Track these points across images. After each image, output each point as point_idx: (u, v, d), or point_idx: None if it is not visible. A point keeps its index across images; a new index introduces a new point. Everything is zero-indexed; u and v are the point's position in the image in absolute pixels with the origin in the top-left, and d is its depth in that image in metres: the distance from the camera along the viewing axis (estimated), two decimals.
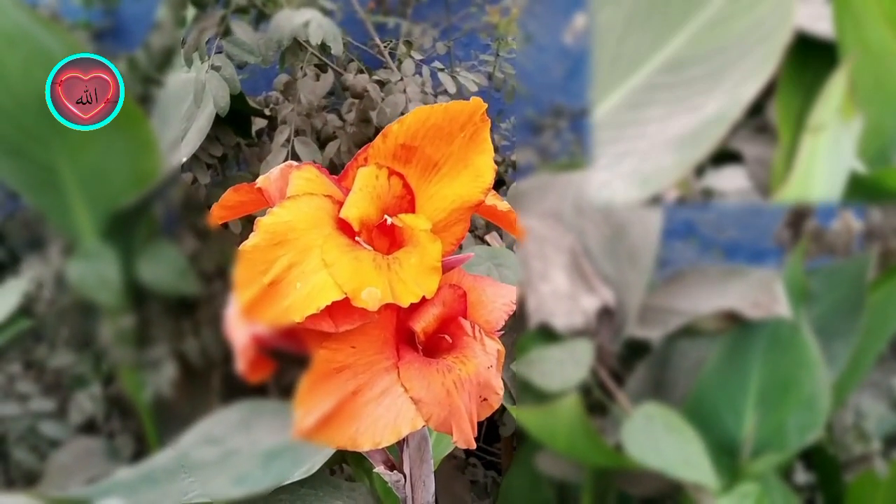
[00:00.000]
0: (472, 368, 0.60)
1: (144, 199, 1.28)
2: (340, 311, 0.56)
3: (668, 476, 1.11)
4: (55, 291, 1.30)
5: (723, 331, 1.21)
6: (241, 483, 1.03)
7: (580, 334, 1.20)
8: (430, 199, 0.61)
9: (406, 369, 0.58)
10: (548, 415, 1.13)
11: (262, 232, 0.55)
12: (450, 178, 0.61)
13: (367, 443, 0.57)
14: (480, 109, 0.62)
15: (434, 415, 0.58)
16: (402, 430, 0.57)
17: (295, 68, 1.29)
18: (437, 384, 0.58)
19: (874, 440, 1.29)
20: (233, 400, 1.16)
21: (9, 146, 1.23)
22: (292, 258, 0.55)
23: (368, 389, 0.57)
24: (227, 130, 1.34)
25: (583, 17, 1.52)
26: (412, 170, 0.61)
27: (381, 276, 0.55)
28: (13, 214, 1.40)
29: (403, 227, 0.59)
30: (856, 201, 1.32)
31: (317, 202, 0.58)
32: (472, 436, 0.59)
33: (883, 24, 1.15)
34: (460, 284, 0.63)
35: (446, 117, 0.61)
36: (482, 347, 0.61)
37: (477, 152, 0.61)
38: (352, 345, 0.57)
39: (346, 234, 0.58)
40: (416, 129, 0.61)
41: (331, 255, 0.55)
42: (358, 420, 0.57)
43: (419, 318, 0.60)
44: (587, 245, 1.26)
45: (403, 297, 0.55)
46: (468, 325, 0.62)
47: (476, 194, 0.61)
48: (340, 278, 0.54)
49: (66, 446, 1.29)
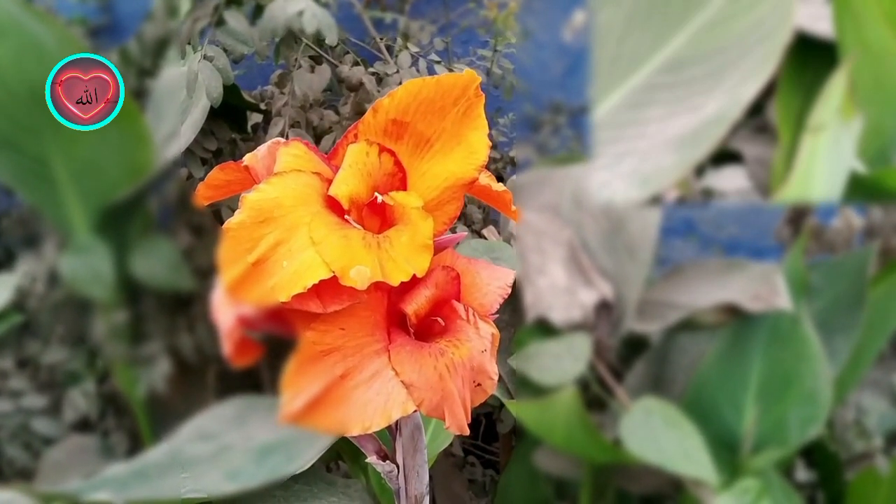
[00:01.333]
0: (466, 352, 0.58)
1: (138, 193, 1.27)
2: (329, 291, 0.54)
3: (667, 471, 1.10)
4: (48, 286, 1.29)
5: (723, 324, 1.20)
6: (234, 478, 1.02)
7: (578, 328, 1.19)
8: (423, 177, 0.60)
9: (397, 352, 0.57)
10: (545, 408, 1.12)
11: (247, 209, 0.54)
12: (442, 154, 0.60)
13: (357, 427, 0.55)
14: (474, 83, 0.60)
15: (426, 399, 0.56)
16: (393, 414, 0.56)
17: (290, 60, 1.28)
18: (429, 368, 0.56)
19: (875, 437, 1.28)
20: (227, 396, 1.15)
21: (1, 139, 1.22)
22: (279, 236, 0.53)
23: (358, 373, 0.56)
24: (222, 125, 1.33)
25: (581, 14, 1.51)
26: (403, 146, 0.60)
27: (371, 255, 0.54)
28: (7, 210, 1.39)
29: (394, 204, 0.58)
30: (856, 201, 1.31)
31: (305, 179, 0.56)
32: (465, 421, 0.58)
33: (883, 24, 1.15)
34: (454, 266, 0.61)
35: (439, 91, 0.60)
36: (476, 331, 0.60)
37: (471, 128, 0.60)
38: (340, 326, 0.56)
39: (335, 212, 0.56)
40: (407, 104, 0.60)
41: (319, 233, 0.54)
42: (347, 404, 0.55)
43: (411, 301, 0.59)
44: (585, 239, 1.25)
45: (393, 276, 0.54)
46: (461, 307, 0.60)
47: (470, 171, 0.60)
48: (328, 256, 0.53)
49: (59, 443, 1.28)
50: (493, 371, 0.60)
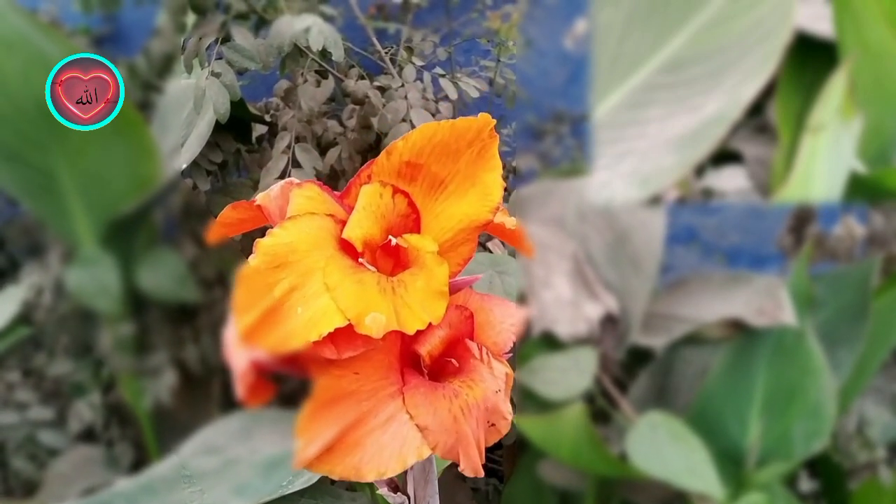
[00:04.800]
0: (480, 393, 0.58)
1: (144, 206, 1.27)
2: (343, 338, 0.54)
3: (672, 485, 1.10)
4: (54, 299, 1.29)
5: (727, 338, 1.20)
6: (241, 493, 1.02)
7: (583, 342, 1.19)
8: (437, 218, 0.59)
9: (411, 395, 0.56)
10: (552, 424, 1.12)
11: (261, 254, 0.54)
12: (457, 196, 0.60)
13: (372, 473, 0.55)
14: (489, 126, 0.60)
15: (441, 442, 0.56)
16: (408, 459, 0.56)
17: (295, 74, 1.28)
18: (443, 410, 0.56)
19: (878, 448, 1.28)
20: (232, 408, 1.15)
21: (8, 152, 1.22)
22: (293, 281, 0.53)
23: (373, 417, 0.56)
24: (228, 137, 1.33)
25: (583, 23, 1.51)
26: (417, 188, 0.60)
27: (386, 301, 0.54)
28: (12, 221, 1.39)
29: (409, 247, 0.58)
30: (856, 201, 1.31)
31: (318, 222, 0.56)
32: (479, 463, 0.58)
33: (883, 24, 1.15)
34: (467, 304, 0.62)
35: (453, 134, 0.60)
36: (490, 371, 0.60)
37: (485, 169, 0.60)
38: (355, 371, 0.56)
39: (349, 254, 0.56)
40: (421, 146, 0.59)
41: (333, 279, 0.54)
42: (362, 449, 0.55)
43: (424, 342, 0.59)
44: (590, 252, 1.25)
45: (409, 324, 0.54)
46: (475, 347, 0.60)
47: (484, 213, 0.59)
48: (343, 303, 0.53)
49: (64, 455, 1.29)
50: (507, 411, 0.60)
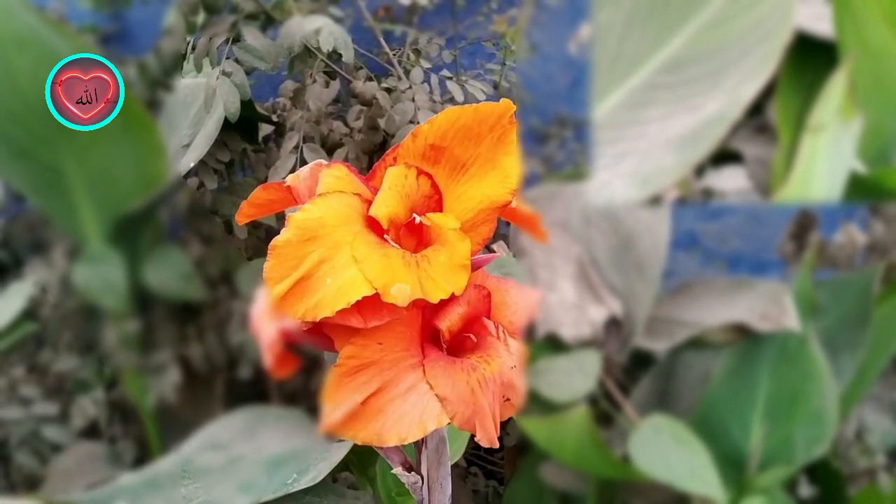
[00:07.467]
0: (496, 368, 0.60)
1: (151, 204, 1.28)
2: (370, 307, 0.56)
3: (675, 488, 1.10)
4: (60, 295, 1.29)
5: (730, 343, 1.21)
6: (246, 490, 1.03)
7: (588, 345, 1.19)
8: (458, 199, 0.62)
9: (431, 367, 0.58)
10: (556, 425, 1.13)
11: (293, 227, 0.56)
12: (478, 178, 0.62)
13: (393, 438, 0.57)
14: (510, 111, 0.62)
15: (459, 413, 0.58)
16: (428, 426, 0.57)
17: (304, 75, 1.29)
18: (461, 382, 0.58)
19: (878, 454, 1.29)
20: (236, 406, 1.15)
21: (16, 148, 1.23)
22: (323, 254, 0.55)
23: (394, 386, 0.58)
24: (235, 136, 1.34)
25: (587, 28, 1.52)
26: (440, 170, 0.62)
27: (411, 273, 0.56)
28: (17, 217, 1.39)
29: (432, 225, 0.60)
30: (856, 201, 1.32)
31: (347, 200, 0.58)
32: (495, 435, 0.59)
33: (883, 24, 1.17)
34: (485, 285, 0.63)
35: (476, 118, 0.62)
36: (506, 347, 0.61)
37: (505, 153, 0.62)
38: (378, 341, 0.58)
39: (375, 232, 0.58)
40: (445, 130, 0.62)
41: (361, 251, 0.55)
42: (384, 416, 0.57)
43: (445, 317, 0.60)
44: (595, 255, 1.26)
45: (433, 293, 0.56)
46: (492, 325, 0.62)
47: (504, 195, 0.62)
48: (370, 274, 0.55)
49: (68, 451, 1.29)
50: (521, 386, 0.61)
